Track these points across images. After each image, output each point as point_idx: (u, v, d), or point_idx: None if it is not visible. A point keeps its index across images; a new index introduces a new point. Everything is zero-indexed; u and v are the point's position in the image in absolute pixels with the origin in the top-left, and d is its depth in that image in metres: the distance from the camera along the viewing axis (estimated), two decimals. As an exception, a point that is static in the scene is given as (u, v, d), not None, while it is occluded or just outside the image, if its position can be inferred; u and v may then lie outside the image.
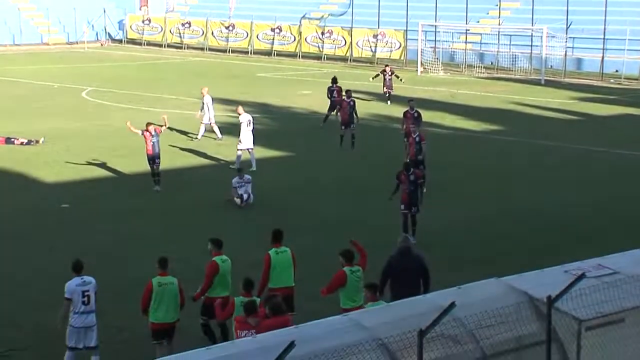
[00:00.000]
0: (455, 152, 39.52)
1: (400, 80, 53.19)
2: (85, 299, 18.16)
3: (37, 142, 39.67)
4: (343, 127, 39.53)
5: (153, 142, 32.04)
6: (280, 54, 74.27)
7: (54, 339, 19.26)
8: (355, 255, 19.10)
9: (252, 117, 36.87)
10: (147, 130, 32.12)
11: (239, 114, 36.46)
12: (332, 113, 43.19)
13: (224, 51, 76.52)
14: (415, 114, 37.27)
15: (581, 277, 14.04)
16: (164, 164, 33.08)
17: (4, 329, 20.58)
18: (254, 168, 34.89)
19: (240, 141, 35.66)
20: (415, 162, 30.57)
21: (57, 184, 33.37)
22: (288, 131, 43.48)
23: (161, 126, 33.25)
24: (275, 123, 45.25)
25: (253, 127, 36.13)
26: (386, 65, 54.27)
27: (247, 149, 35.74)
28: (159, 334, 18.58)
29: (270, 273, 19.49)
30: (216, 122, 41.37)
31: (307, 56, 72.51)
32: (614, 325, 14.79)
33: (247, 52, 75.73)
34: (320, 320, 14.60)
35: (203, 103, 41.12)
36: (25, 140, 39.73)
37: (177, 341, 18.36)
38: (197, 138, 41.12)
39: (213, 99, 41.35)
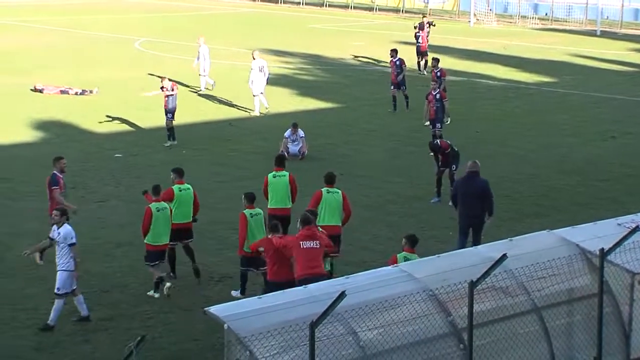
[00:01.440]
0: (507, 104, 39.41)
1: (433, 25, 50.94)
2: None
3: (91, 92, 39.96)
4: (392, 88, 37.89)
5: (168, 97, 32.23)
6: (332, 5, 74.04)
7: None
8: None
9: (303, 68, 36.96)
10: (162, 87, 32.55)
11: (253, 59, 36.98)
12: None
13: (276, 2, 76.41)
14: (439, 73, 36.29)
15: (635, 230, 14.01)
16: (211, 114, 33.20)
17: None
18: (266, 106, 36.67)
19: (251, 86, 36.68)
20: (433, 121, 30.87)
21: (109, 134, 33.64)
22: (341, 82, 43.41)
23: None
24: (325, 73, 45.18)
25: (266, 73, 36.84)
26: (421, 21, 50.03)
27: (259, 94, 36.62)
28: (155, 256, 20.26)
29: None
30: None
31: (358, 7, 72.19)
32: (667, 279, 14.77)
33: (299, 3, 75.56)
34: (371, 271, 14.70)
35: (199, 52, 40.93)
36: (80, 91, 40.04)
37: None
38: (201, 90, 41.06)
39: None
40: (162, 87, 32.52)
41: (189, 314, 18.73)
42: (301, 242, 17.46)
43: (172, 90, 32.37)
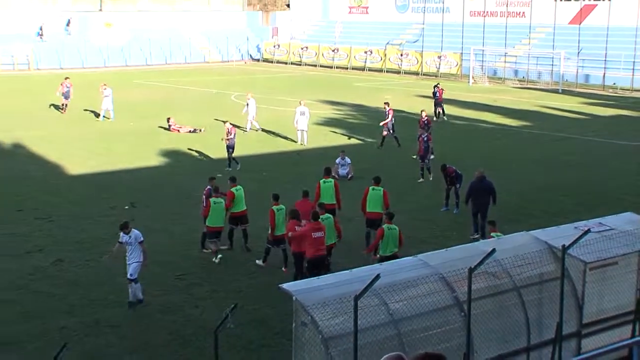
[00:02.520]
0: (496, 141, 39.20)
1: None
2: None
3: (200, 130, 40.22)
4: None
5: (229, 138, 32.33)
6: (370, 69, 74.06)
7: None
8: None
9: (350, 114, 36.99)
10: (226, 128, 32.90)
11: (299, 105, 37.26)
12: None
13: (331, 67, 76.57)
14: (426, 121, 34.72)
15: (587, 231, 13.94)
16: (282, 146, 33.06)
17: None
18: (305, 144, 36.51)
19: (296, 125, 37.03)
20: (422, 157, 30.26)
21: (212, 160, 33.85)
22: (375, 125, 43.38)
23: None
24: (366, 118, 45.18)
25: (307, 116, 36.83)
26: (437, 83, 48.70)
27: (302, 130, 36.67)
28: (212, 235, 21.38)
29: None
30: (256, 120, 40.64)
31: (390, 71, 72.15)
32: (610, 266, 14.66)
33: (346, 68, 75.64)
34: (397, 260, 14.70)
35: (247, 104, 40.51)
36: (192, 129, 40.33)
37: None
38: (246, 131, 40.17)
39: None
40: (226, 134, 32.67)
41: (268, 289, 18.78)
42: (312, 233, 18.53)
43: (231, 133, 32.51)
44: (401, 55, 72.59)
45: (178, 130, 39.95)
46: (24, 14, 76.34)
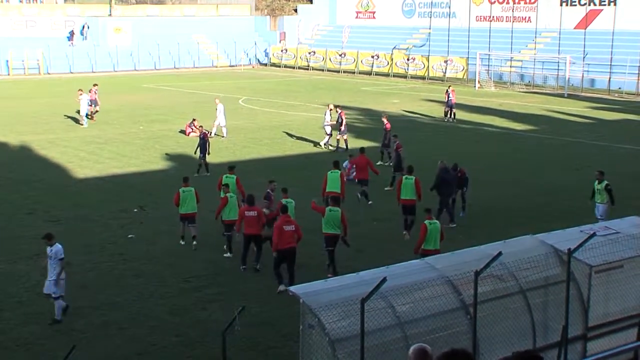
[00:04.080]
0: (502, 145, 39.14)
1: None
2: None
3: (210, 134, 40.17)
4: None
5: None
6: (377, 74, 74.04)
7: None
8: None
9: (357, 118, 37.07)
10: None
11: (330, 110, 37.46)
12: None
13: (338, 72, 76.57)
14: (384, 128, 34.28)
15: (592, 235, 13.90)
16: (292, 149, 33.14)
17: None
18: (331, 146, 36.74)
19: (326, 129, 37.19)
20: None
21: (219, 163, 33.82)
22: (382, 128, 43.34)
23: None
24: (373, 122, 45.15)
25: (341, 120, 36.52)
26: (449, 86, 50.46)
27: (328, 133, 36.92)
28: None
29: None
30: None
31: (396, 75, 72.08)
32: (615, 269, 14.61)
33: (354, 72, 75.65)
34: (403, 263, 14.65)
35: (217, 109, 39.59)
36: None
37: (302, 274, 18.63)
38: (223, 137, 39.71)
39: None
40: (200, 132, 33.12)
41: (276, 292, 18.80)
42: (283, 226, 19.23)
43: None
44: (408, 59, 72.56)
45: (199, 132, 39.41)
46: (34, 19, 76.60)
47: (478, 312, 12.71)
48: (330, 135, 36.83)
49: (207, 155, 32.23)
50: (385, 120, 35.07)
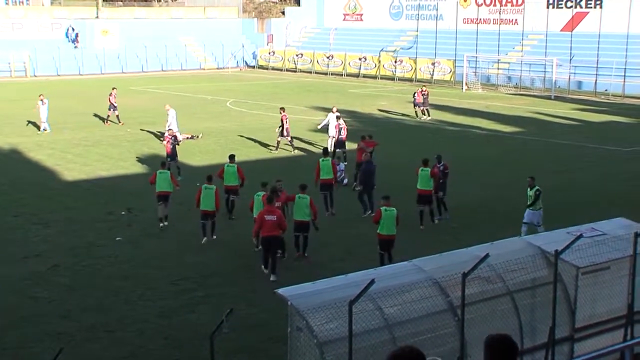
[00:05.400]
0: (489, 147, 39.23)
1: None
2: None
3: (197, 137, 40.20)
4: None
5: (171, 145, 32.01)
6: (365, 76, 74.10)
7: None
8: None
9: (345, 120, 37.02)
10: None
11: (333, 112, 36.78)
12: None
13: (325, 74, 76.58)
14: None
15: (579, 236, 13.94)
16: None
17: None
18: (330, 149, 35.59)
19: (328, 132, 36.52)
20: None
21: (206, 166, 33.75)
22: (369, 130, 43.37)
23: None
24: (361, 124, 45.19)
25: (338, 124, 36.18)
26: (423, 86, 51.01)
27: (331, 137, 36.20)
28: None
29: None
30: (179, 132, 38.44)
31: (384, 78, 72.18)
32: (602, 271, 14.65)
33: (341, 75, 75.69)
34: (391, 265, 14.69)
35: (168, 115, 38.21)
36: (189, 136, 40.25)
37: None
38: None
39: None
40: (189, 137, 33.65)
41: (264, 294, 18.76)
42: (265, 216, 20.08)
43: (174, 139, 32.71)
44: (395, 62, 72.68)
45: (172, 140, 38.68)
46: (20, 21, 76.31)
47: (466, 313, 12.73)
48: (333, 137, 36.62)
49: (176, 158, 32.02)
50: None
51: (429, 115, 47.41)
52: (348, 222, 24.64)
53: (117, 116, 44.63)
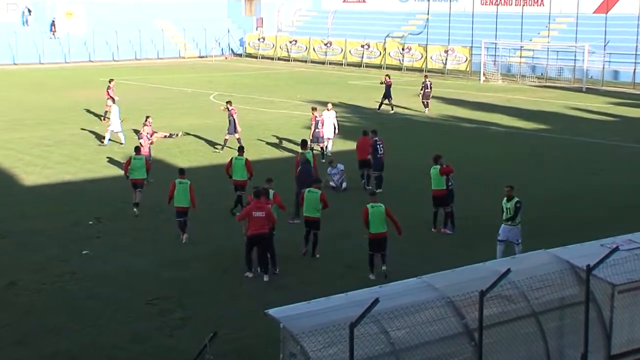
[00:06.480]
0: (510, 147, 39.25)
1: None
2: None
3: (177, 135, 40.15)
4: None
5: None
6: (368, 65, 74.20)
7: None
8: None
9: (344, 116, 37.07)
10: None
11: (328, 110, 36.76)
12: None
13: (323, 63, 76.71)
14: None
15: (615, 249, 13.92)
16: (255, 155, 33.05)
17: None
18: (329, 153, 35.69)
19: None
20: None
21: (188, 168, 33.68)
22: (372, 126, 43.39)
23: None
24: (362, 120, 45.20)
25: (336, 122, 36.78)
26: (425, 77, 51.49)
27: (327, 138, 36.23)
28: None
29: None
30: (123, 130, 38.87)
31: (390, 67, 72.23)
32: (641, 289, 14.62)
33: (341, 64, 75.81)
34: (398, 282, 14.64)
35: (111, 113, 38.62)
36: (168, 134, 40.18)
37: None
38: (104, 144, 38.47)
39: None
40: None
41: (252, 315, 18.71)
42: (253, 212, 20.82)
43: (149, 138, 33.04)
44: (403, 49, 72.80)
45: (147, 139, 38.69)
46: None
47: (484, 337, 12.70)
48: (330, 138, 36.59)
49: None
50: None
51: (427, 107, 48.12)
52: (348, 234, 24.60)
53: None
